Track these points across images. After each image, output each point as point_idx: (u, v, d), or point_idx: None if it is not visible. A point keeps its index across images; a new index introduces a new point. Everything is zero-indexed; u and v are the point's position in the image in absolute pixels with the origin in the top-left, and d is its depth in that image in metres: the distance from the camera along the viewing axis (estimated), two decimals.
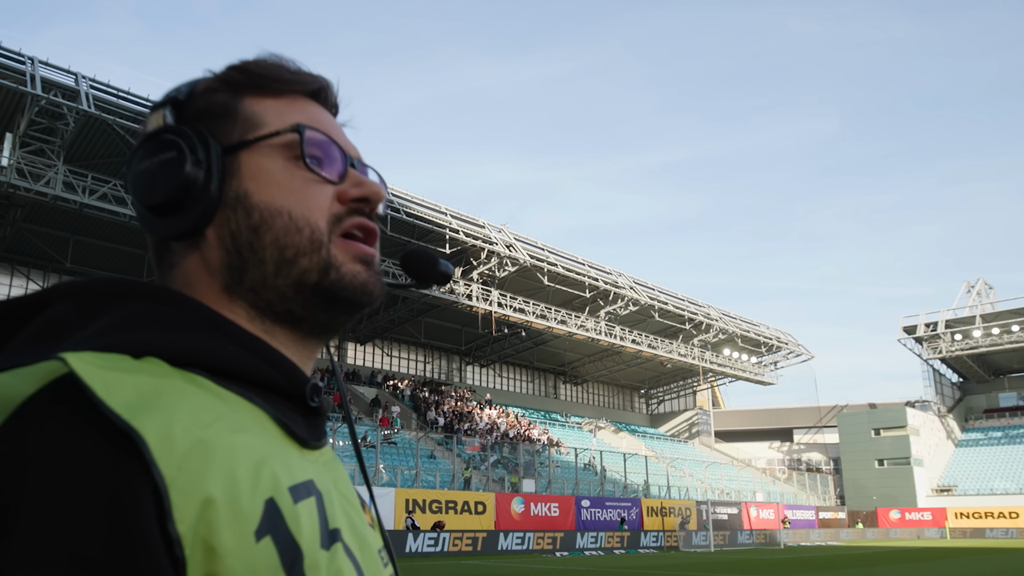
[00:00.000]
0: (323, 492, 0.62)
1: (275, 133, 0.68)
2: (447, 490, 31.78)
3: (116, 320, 0.59)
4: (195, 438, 0.52)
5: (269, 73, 0.72)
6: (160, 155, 0.66)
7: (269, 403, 0.63)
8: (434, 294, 39.27)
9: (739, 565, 23.37)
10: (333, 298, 0.68)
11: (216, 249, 0.67)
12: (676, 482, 46.73)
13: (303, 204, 0.67)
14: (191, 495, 0.50)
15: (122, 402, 0.50)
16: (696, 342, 54.92)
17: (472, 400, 49.92)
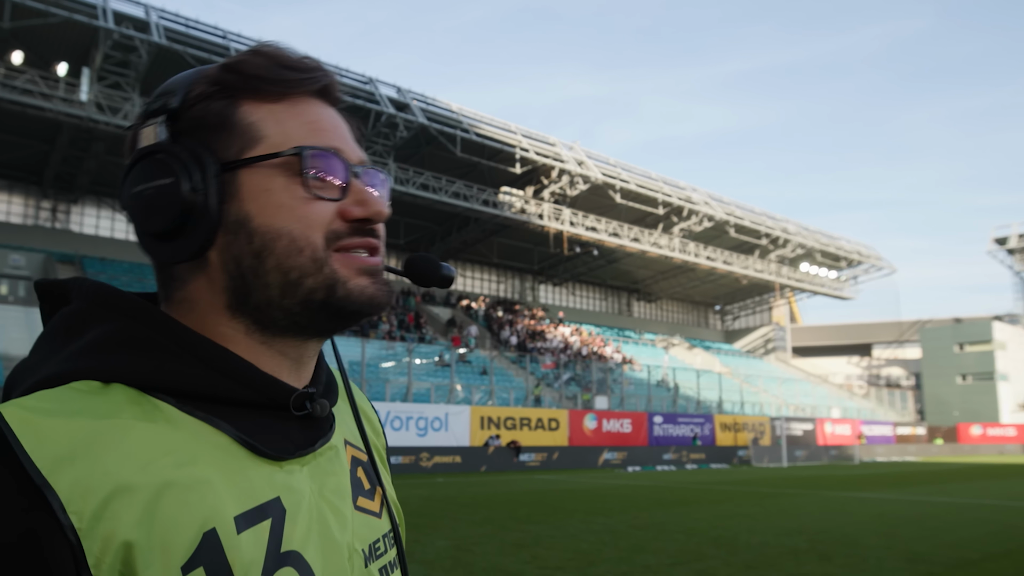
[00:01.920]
0: (289, 509, 0.65)
1: (275, 155, 0.68)
2: (521, 407, 32.53)
3: (98, 338, 0.65)
4: (118, 484, 0.55)
5: (267, 75, 0.70)
6: (156, 179, 0.66)
7: (237, 422, 0.66)
8: (505, 214, 39.40)
9: (811, 480, 23.50)
10: (342, 312, 0.70)
11: (220, 272, 0.68)
12: (750, 398, 46.68)
13: (303, 224, 0.68)
14: (108, 539, 0.54)
15: (48, 454, 0.54)
16: (773, 257, 53.89)
17: (545, 319, 50.42)
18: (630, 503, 15.68)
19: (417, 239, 46.50)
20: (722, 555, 8.92)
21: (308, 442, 0.71)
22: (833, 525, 11.91)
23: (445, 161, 37.45)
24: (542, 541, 10.03)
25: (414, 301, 44.61)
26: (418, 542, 9.82)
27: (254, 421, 0.68)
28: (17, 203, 35.95)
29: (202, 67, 0.72)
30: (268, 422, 0.69)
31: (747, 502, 16.02)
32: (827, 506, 15.20)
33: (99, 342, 0.65)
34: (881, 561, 8.59)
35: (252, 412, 0.68)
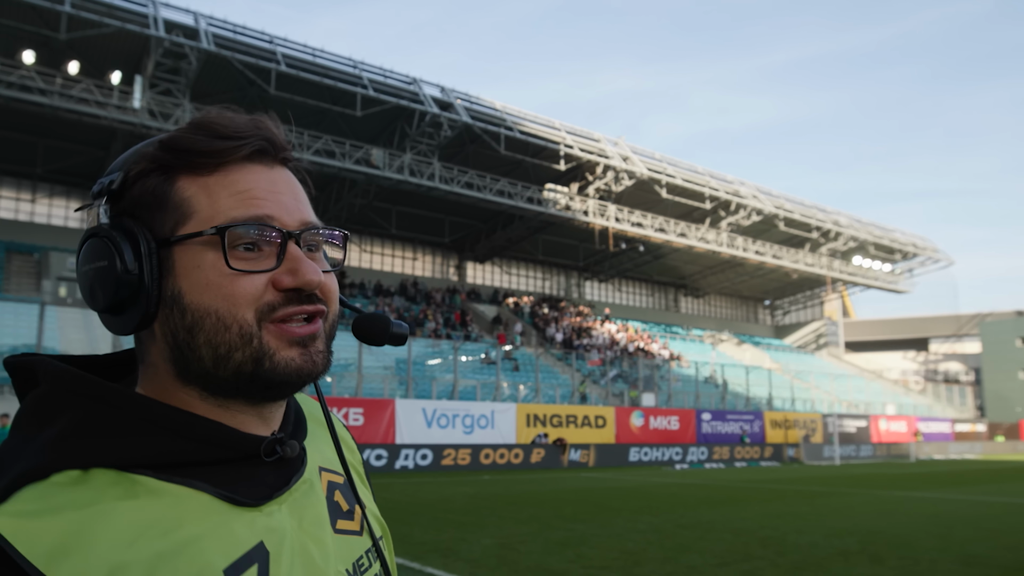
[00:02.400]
0: (272, 551, 0.70)
1: (199, 233, 0.70)
2: (567, 404, 32.47)
3: (70, 426, 0.67)
4: (112, 566, 0.60)
5: (200, 147, 0.72)
6: (95, 261, 0.70)
7: (215, 479, 0.70)
8: (550, 211, 39.36)
9: (864, 479, 23.04)
10: (270, 384, 0.73)
11: (162, 343, 0.72)
12: (801, 395, 45.94)
13: (229, 301, 0.70)
14: None
15: (42, 553, 0.59)
16: (824, 251, 52.94)
17: (591, 315, 50.24)
18: (677, 502, 15.55)
19: (462, 237, 46.69)
20: (769, 556, 8.79)
21: (283, 482, 0.75)
22: (886, 525, 11.65)
23: (489, 159, 37.53)
24: (587, 540, 10.00)
25: (460, 299, 44.83)
26: (464, 540, 9.86)
27: (230, 474, 0.72)
28: (74, 207, 37.04)
29: (142, 144, 0.75)
30: (243, 472, 0.73)
31: (797, 501, 15.77)
32: (880, 506, 14.88)
33: (71, 430, 0.67)
34: (935, 563, 8.38)
35: (227, 467, 0.72)
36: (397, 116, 33.76)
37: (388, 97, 31.73)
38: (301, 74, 29.57)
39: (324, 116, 32.86)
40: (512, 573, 7.71)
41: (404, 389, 29.58)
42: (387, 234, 44.80)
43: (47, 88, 26.26)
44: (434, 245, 47.62)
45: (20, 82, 25.80)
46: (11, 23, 25.78)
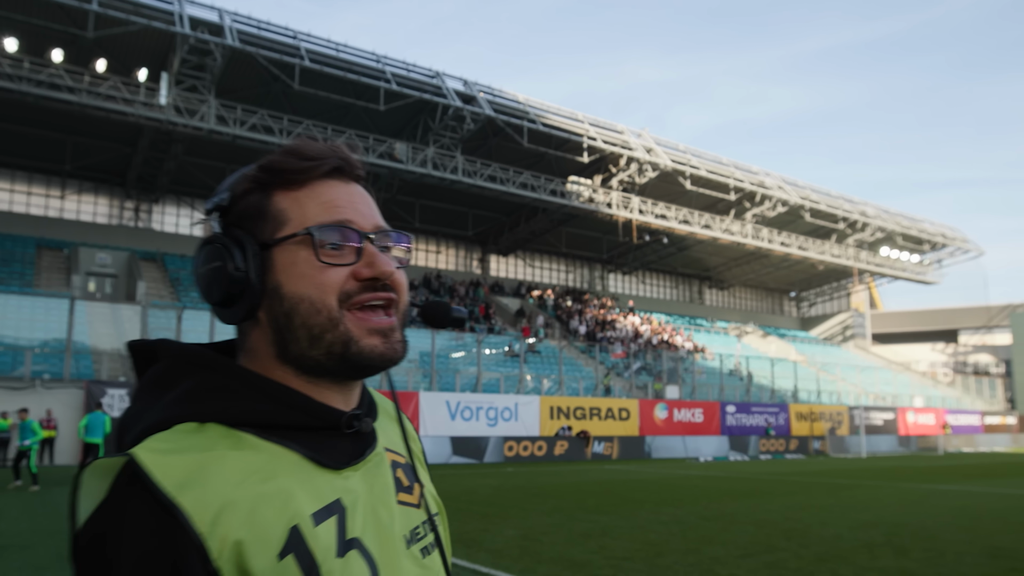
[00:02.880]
0: (348, 507, 0.84)
1: (293, 235, 0.86)
2: (591, 397, 32.50)
3: (190, 389, 0.84)
4: (225, 499, 0.75)
5: (289, 167, 0.89)
6: (211, 263, 0.87)
7: (305, 443, 0.85)
8: (573, 204, 39.32)
9: (891, 471, 22.87)
10: (358, 365, 0.87)
11: (266, 327, 0.87)
12: (827, 387, 45.59)
13: (319, 290, 0.85)
14: (224, 539, 0.73)
15: (171, 480, 0.74)
16: (851, 242, 52.41)
17: (614, 308, 50.16)
18: (701, 494, 15.55)
19: (485, 230, 46.77)
20: (793, 547, 8.79)
21: (358, 453, 0.90)
22: (911, 518, 11.58)
23: (512, 152, 37.55)
24: (610, 531, 10.05)
25: (483, 292, 44.92)
26: (487, 531, 9.94)
27: (316, 440, 0.86)
28: (103, 204, 37.57)
29: (246, 168, 0.92)
30: (326, 440, 0.87)
31: (822, 493, 15.70)
32: (906, 498, 14.78)
33: (190, 392, 0.84)
34: (960, 556, 8.34)
35: (313, 434, 0.87)
36: (420, 110, 33.87)
37: (411, 91, 31.84)
38: (325, 69, 29.75)
39: (348, 111, 33.05)
40: (535, 564, 7.77)
41: (428, 382, 29.76)
42: (410, 227, 44.94)
43: (75, 86, 26.65)
44: (457, 238, 47.74)
45: (49, 80, 26.22)
46: (40, 22, 26.18)
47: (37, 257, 33.26)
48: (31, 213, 35.62)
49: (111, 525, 0.73)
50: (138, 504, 0.73)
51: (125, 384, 22.71)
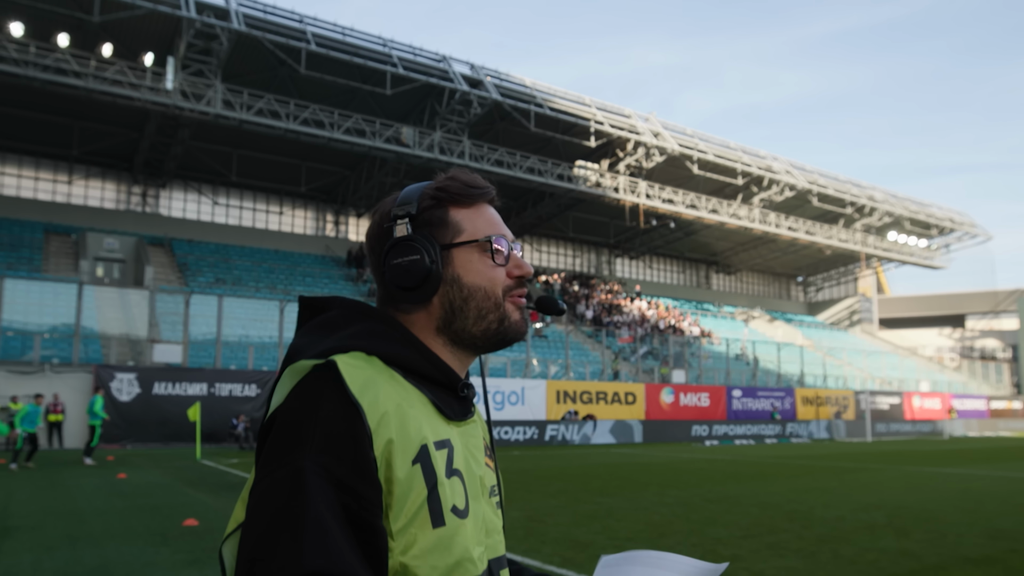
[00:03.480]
0: (455, 447, 1.07)
1: (475, 240, 1.15)
2: (597, 381, 32.59)
3: (361, 330, 1.09)
4: (386, 409, 0.97)
5: (462, 192, 1.17)
6: (409, 255, 1.11)
7: (432, 392, 1.09)
8: (580, 188, 39.26)
9: (895, 455, 22.92)
10: (504, 338, 1.17)
11: (438, 308, 1.14)
12: (833, 371, 45.58)
13: (491, 282, 1.14)
14: (382, 437, 0.96)
15: (355, 384, 0.97)
16: (859, 226, 52.23)
17: (621, 293, 50.17)
18: (705, 477, 15.63)
19: None
20: (795, 529, 8.87)
21: (464, 413, 1.14)
22: (914, 500, 11.66)
23: (519, 136, 37.49)
24: (614, 513, 10.15)
25: None
26: None
27: (439, 394, 1.10)
28: (110, 189, 37.65)
29: (422, 185, 1.19)
30: (445, 396, 1.11)
31: (826, 477, 15.78)
32: (910, 481, 14.84)
33: (361, 332, 1.08)
34: (961, 537, 8.40)
35: (438, 388, 1.11)
36: (427, 94, 33.81)
37: (418, 75, 31.78)
38: (331, 53, 29.71)
39: (354, 95, 33.02)
40: (539, 544, 7.87)
41: None
42: None
43: (82, 71, 26.66)
44: None
45: (55, 65, 26.23)
46: (45, 6, 26.20)
47: (45, 242, 33.41)
48: (39, 198, 35.74)
49: (309, 405, 0.96)
50: (332, 395, 0.96)
51: (133, 368, 22.85)
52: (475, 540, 1.05)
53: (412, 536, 0.97)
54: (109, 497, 11.46)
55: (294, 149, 34.96)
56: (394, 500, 0.96)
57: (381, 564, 0.94)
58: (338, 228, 43.45)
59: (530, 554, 7.33)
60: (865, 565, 6.89)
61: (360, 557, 0.91)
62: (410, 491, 0.97)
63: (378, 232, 1.18)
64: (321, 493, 0.91)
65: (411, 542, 0.96)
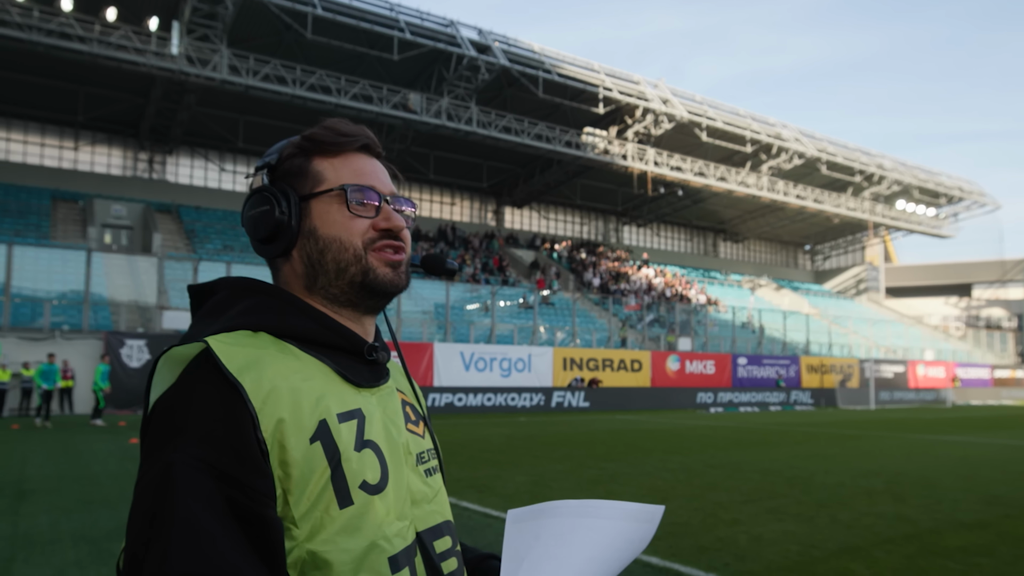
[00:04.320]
0: (367, 416, 1.03)
1: (329, 190, 1.09)
2: (603, 348, 32.76)
3: (247, 306, 1.04)
4: (273, 386, 0.93)
5: (327, 139, 1.11)
6: (261, 207, 1.09)
7: (334, 360, 1.04)
8: (588, 155, 39.13)
9: (897, 423, 23.09)
10: (373, 291, 1.09)
11: (299, 263, 1.09)
12: (838, 340, 45.68)
13: (348, 233, 1.08)
14: (270, 417, 0.91)
15: (234, 364, 0.92)
16: (867, 195, 52.01)
17: (629, 260, 50.18)
18: (708, 443, 15.82)
19: (499, 182, 46.68)
20: (795, 494, 9.03)
21: (376, 378, 1.10)
22: (913, 467, 11.81)
23: (527, 103, 37.30)
24: (618, 478, 10.32)
25: (498, 244, 45.02)
26: (499, 478, 10.23)
27: (343, 361, 1.06)
28: (116, 155, 37.66)
29: (292, 137, 1.14)
30: (351, 363, 1.07)
31: (828, 443, 15.95)
32: (910, 448, 15.01)
33: (248, 309, 1.04)
34: (956, 503, 8.55)
35: (341, 355, 1.07)
36: (434, 60, 33.61)
37: (425, 40, 31.57)
38: (338, 18, 29.51)
39: (361, 60, 32.83)
40: None
41: (443, 333, 30.07)
42: (425, 179, 44.96)
43: (86, 35, 26.53)
44: (472, 190, 47.69)
45: (59, 30, 26.09)
46: None
47: (53, 209, 33.52)
48: (45, 165, 35.79)
49: (183, 395, 0.91)
50: (208, 379, 0.92)
51: (143, 335, 23.07)
52: (395, 514, 1.01)
53: (318, 520, 0.92)
54: (122, 461, 11.69)
55: (301, 115, 34.87)
56: (293, 484, 0.91)
57: (276, 558, 0.88)
58: None
59: None
60: (861, 529, 7.05)
61: (246, 552, 0.85)
62: (311, 472, 0.92)
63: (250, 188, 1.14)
64: (195, 488, 0.85)
65: (317, 526, 0.92)
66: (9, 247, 23.38)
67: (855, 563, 5.80)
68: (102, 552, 6.02)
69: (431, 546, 1.06)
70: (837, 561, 5.86)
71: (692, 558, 5.91)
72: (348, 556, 0.93)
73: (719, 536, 6.71)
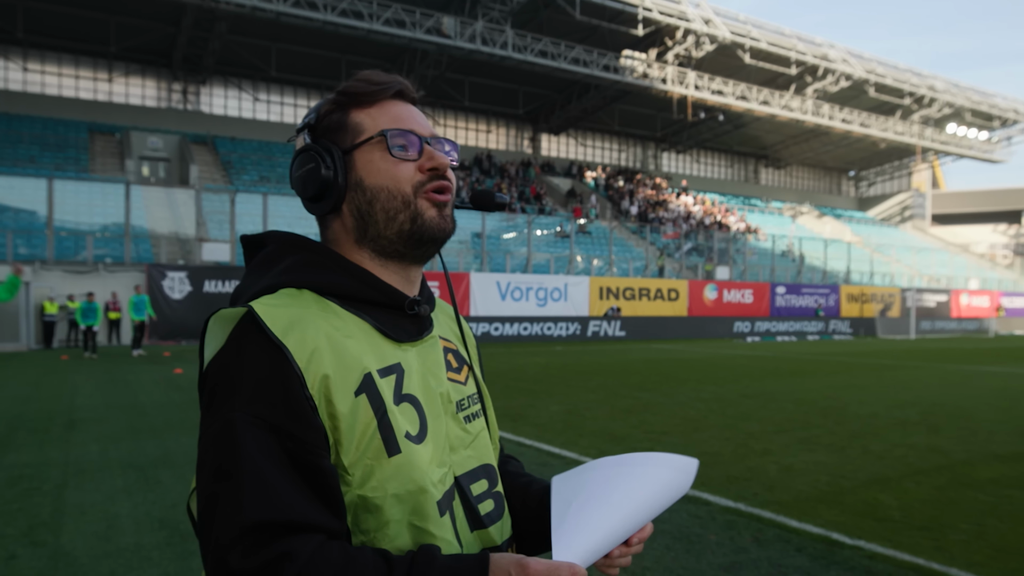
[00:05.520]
0: (406, 370, 1.07)
1: (370, 138, 1.10)
2: (640, 278, 32.63)
3: (291, 264, 1.07)
4: (316, 345, 0.97)
5: (361, 91, 1.12)
6: (306, 166, 1.10)
7: (375, 316, 1.08)
8: (627, 80, 38.25)
9: (937, 353, 22.82)
10: (421, 238, 1.10)
11: (348, 217, 1.11)
12: (880, 268, 44.93)
13: (394, 180, 1.09)
14: (315, 374, 0.96)
15: (277, 326, 0.96)
16: (916, 118, 50.32)
17: (667, 188, 49.50)
18: (743, 373, 15.81)
19: (536, 108, 45.99)
20: (828, 424, 9.02)
21: (417, 332, 1.13)
22: (949, 398, 11.70)
23: (564, 25, 36.36)
24: (651, 407, 10.39)
25: (534, 172, 44.64)
26: (533, 407, 10.37)
27: (384, 316, 1.09)
28: (150, 87, 37.67)
29: (329, 95, 1.15)
30: (392, 318, 1.10)
31: (864, 374, 15.84)
32: (948, 379, 14.85)
33: (292, 266, 1.07)
34: (992, 434, 8.48)
35: (382, 310, 1.09)
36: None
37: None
38: None
39: None
40: (576, 437, 8.15)
41: (479, 263, 30.15)
42: (460, 106, 44.44)
43: None
44: (508, 117, 47.08)
45: None
46: None
47: (90, 142, 33.82)
48: (81, 97, 35.92)
49: (234, 356, 0.96)
50: (255, 342, 0.96)
51: (184, 267, 23.45)
52: (436, 462, 1.06)
53: (368, 467, 0.98)
54: (167, 391, 12.04)
55: (333, 42, 34.43)
56: (342, 435, 0.96)
57: (336, 502, 0.95)
58: None
59: (567, 446, 7.61)
60: (893, 460, 7.04)
61: (310, 498, 0.92)
62: (356, 423, 0.97)
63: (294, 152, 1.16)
64: (256, 443, 0.91)
65: (368, 473, 0.97)
66: (50, 181, 23.74)
67: (884, 494, 5.81)
68: (149, 479, 6.25)
69: (468, 489, 1.11)
70: (866, 492, 5.87)
71: (721, 488, 5.96)
72: (397, 501, 0.99)
73: (749, 466, 6.75)
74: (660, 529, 4.87)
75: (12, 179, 26.51)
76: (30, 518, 5.14)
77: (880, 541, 4.66)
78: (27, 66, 34.85)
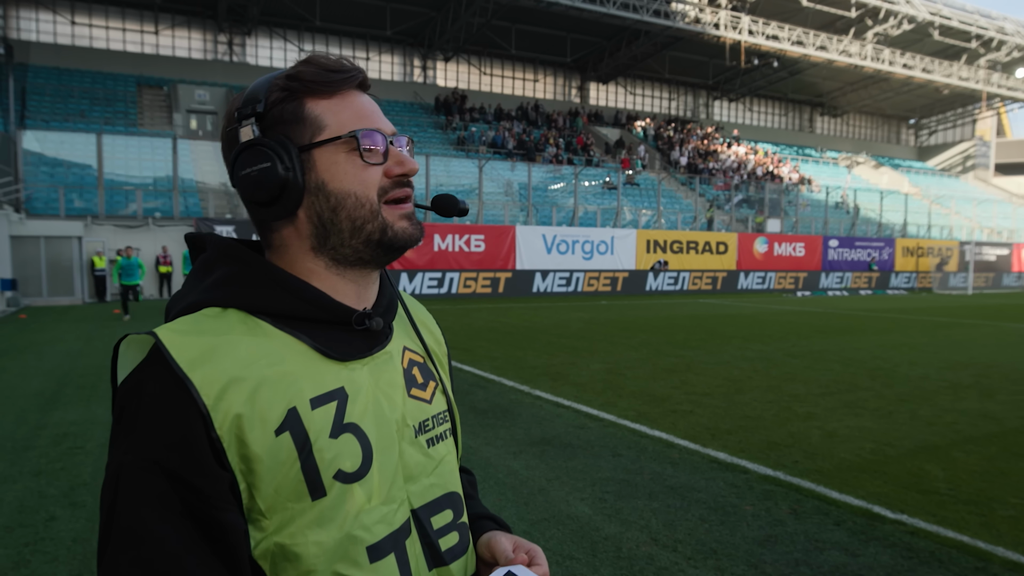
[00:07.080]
0: (351, 395, 0.95)
1: (338, 138, 0.96)
2: (689, 231, 32.14)
3: (220, 277, 0.96)
4: (231, 377, 0.86)
5: (319, 79, 0.97)
6: (259, 163, 0.95)
7: (315, 335, 0.95)
8: (678, 25, 37.22)
9: (995, 310, 22.13)
10: (392, 247, 0.99)
11: (305, 223, 0.97)
12: (939, 221, 43.57)
13: (362, 186, 0.97)
14: (226, 413, 0.85)
15: (185, 358, 0.86)
16: (982, 63, 48.16)
17: (718, 137, 48.41)
18: (791, 330, 15.51)
19: (584, 55, 45.10)
20: (876, 387, 8.79)
21: (366, 348, 1.00)
22: (1005, 359, 11.31)
23: None
24: (694, 367, 10.25)
25: (582, 122, 43.99)
26: (574, 365, 10.31)
27: (326, 334, 0.97)
28: (196, 39, 37.75)
29: (270, 76, 0.99)
30: (337, 334, 0.97)
31: (917, 332, 15.42)
32: (1005, 339, 14.36)
33: (220, 280, 0.95)
34: None
35: (325, 327, 0.97)
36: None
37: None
38: None
39: None
40: (616, 398, 8.06)
41: (525, 215, 29.96)
42: (507, 55, 43.80)
43: None
44: (555, 65, 46.29)
45: None
46: None
47: (139, 95, 34.11)
48: (128, 51, 36.13)
49: (135, 391, 0.86)
50: (156, 376, 0.85)
51: (232, 221, 23.72)
52: (379, 499, 0.95)
53: (288, 512, 0.88)
54: None
55: None
56: (257, 478, 0.86)
57: (237, 561, 0.85)
58: (425, 73, 42.83)
59: (606, 408, 7.53)
60: (942, 427, 6.82)
61: (202, 553, 0.82)
62: (278, 464, 0.87)
63: (225, 139, 1.00)
64: (142, 492, 0.82)
65: (288, 519, 0.88)
66: (99, 136, 24.06)
67: (930, 463, 5.64)
68: None
69: (428, 523, 1.01)
70: (912, 461, 5.70)
71: (760, 455, 5.85)
72: (319, 549, 0.89)
73: (791, 431, 6.61)
74: (695, 499, 4.79)
75: (64, 134, 26.92)
76: (72, 478, 5.26)
77: (923, 516, 4.52)
78: (75, 19, 35.14)
